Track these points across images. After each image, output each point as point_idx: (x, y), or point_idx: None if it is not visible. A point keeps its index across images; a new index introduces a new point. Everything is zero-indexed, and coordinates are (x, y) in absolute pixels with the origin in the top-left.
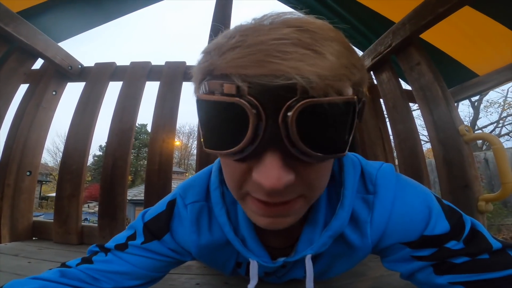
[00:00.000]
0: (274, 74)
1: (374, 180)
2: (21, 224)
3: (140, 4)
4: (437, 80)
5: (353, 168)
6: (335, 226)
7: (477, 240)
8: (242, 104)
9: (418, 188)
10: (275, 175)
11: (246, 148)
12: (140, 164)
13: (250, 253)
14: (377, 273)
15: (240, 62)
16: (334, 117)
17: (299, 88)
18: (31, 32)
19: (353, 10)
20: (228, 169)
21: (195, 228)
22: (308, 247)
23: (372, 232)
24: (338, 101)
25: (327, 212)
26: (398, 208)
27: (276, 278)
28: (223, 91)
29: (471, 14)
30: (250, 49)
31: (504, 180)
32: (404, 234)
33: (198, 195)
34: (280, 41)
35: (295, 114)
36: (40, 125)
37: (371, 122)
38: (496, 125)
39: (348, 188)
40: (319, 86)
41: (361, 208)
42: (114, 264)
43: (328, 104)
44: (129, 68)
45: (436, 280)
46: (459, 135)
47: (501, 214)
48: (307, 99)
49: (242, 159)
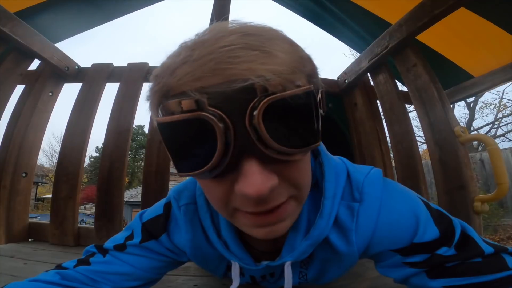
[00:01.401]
0: (229, 79)
1: (360, 187)
2: (17, 226)
3: (138, 4)
4: (433, 81)
5: (336, 176)
6: (314, 235)
7: (468, 246)
8: (205, 117)
9: (405, 195)
10: (258, 181)
11: (221, 162)
12: (137, 165)
13: (232, 255)
14: (374, 274)
15: (193, 76)
16: (298, 110)
17: (258, 88)
18: (28, 33)
19: (350, 11)
20: (209, 189)
21: (189, 229)
22: (289, 253)
23: (358, 239)
24: (298, 93)
25: (309, 219)
26: (385, 216)
27: (269, 284)
28: (183, 109)
29: (467, 16)
30: (199, 61)
31: (500, 181)
32: (393, 241)
33: (190, 197)
34: (228, 47)
35: (260, 113)
36: (36, 126)
37: (368, 123)
38: (491, 126)
39: (328, 198)
40: (277, 82)
41: (346, 216)
42: (113, 265)
43: (290, 97)
44: (126, 69)
45: (430, 284)
46: (455, 136)
47: (497, 214)
48: (268, 97)
49: (219, 174)
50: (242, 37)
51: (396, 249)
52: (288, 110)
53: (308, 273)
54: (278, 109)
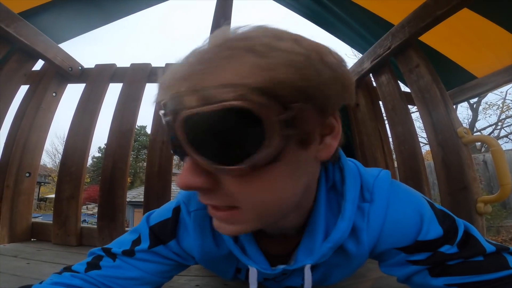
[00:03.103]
0: (172, 90)
1: (371, 188)
2: (20, 226)
3: (141, 5)
4: (435, 82)
5: (354, 180)
6: (336, 238)
7: (470, 244)
8: (162, 116)
9: (410, 194)
10: (182, 177)
11: (177, 154)
12: (139, 165)
13: (250, 260)
14: (377, 274)
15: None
16: (219, 126)
17: (186, 101)
18: (31, 33)
19: (352, 12)
20: None
21: (198, 235)
22: (308, 256)
23: (368, 239)
24: (214, 109)
25: (327, 222)
26: (391, 215)
27: (274, 282)
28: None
29: (470, 16)
30: (163, 78)
31: (503, 182)
32: (398, 239)
33: (201, 203)
34: (194, 58)
35: (179, 123)
36: (40, 127)
37: (370, 124)
38: (494, 127)
39: (349, 201)
40: (198, 97)
41: (357, 216)
42: (123, 270)
43: (207, 112)
44: (129, 70)
45: (432, 282)
46: (458, 137)
47: (500, 215)
48: (185, 110)
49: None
50: (211, 49)
51: (401, 247)
52: (206, 124)
53: (313, 275)
54: (196, 122)
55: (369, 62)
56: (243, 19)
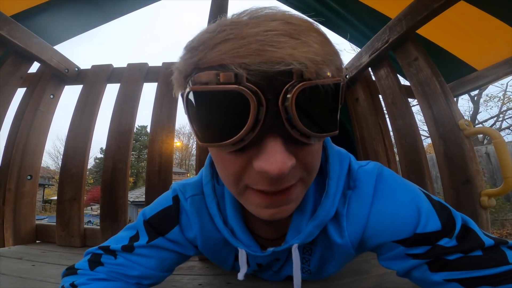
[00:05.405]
0: (273, 61)
1: (355, 176)
2: (24, 228)
3: (136, 4)
4: (435, 75)
5: (340, 160)
6: (321, 215)
7: (469, 237)
8: (242, 91)
9: (406, 186)
10: (280, 160)
11: (246, 136)
12: (141, 166)
13: (239, 242)
14: (381, 271)
15: (238, 52)
16: (326, 97)
17: (295, 73)
18: (25, 36)
19: (349, 6)
20: (224, 163)
21: (197, 220)
22: (295, 236)
23: (350, 228)
24: (329, 82)
25: (315, 202)
26: (384, 207)
27: (273, 273)
28: (219, 80)
29: (467, 9)
30: (245, 40)
31: (507, 174)
32: (394, 232)
33: (195, 189)
34: (271, 32)
35: (294, 96)
36: (39, 129)
37: (371, 118)
38: (496, 119)
39: (333, 178)
40: (312, 70)
41: (340, 202)
42: (124, 267)
43: (322, 85)
44: (126, 70)
45: (431, 277)
46: (459, 130)
47: (504, 208)
48: (304, 82)
49: (241, 149)
50: (282, 24)
51: (399, 240)
52: (318, 96)
53: (311, 260)
54: (309, 94)
55: (368, 56)
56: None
